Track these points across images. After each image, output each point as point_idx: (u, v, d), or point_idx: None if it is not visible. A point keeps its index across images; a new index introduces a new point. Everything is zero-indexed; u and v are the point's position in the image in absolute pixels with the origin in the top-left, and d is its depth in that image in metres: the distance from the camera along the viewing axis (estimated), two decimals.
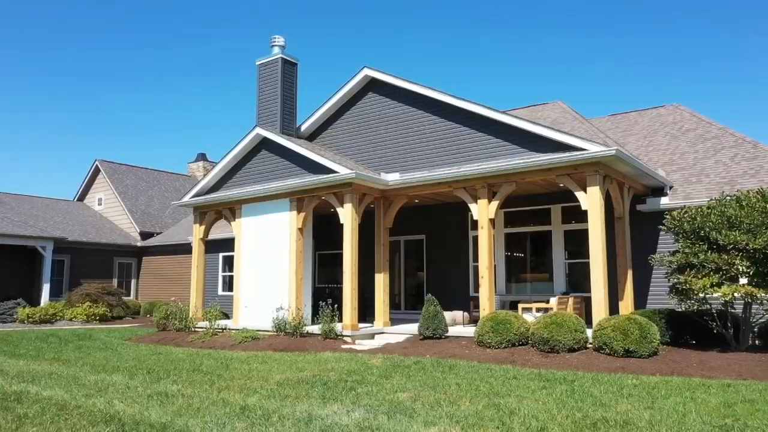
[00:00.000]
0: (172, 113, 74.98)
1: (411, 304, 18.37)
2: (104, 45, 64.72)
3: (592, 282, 11.31)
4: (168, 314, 16.35)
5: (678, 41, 59.99)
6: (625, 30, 61.43)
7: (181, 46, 69.62)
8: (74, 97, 68.67)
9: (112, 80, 68.66)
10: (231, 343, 13.55)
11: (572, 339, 10.36)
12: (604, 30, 61.73)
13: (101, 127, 70.69)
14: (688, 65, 60.17)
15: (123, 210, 29.29)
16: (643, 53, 61.91)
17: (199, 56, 71.29)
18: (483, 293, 12.57)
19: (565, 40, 64.61)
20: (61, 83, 67.25)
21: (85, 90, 68.69)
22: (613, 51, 63.36)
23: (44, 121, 67.27)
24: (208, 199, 16.26)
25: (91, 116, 69.68)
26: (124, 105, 70.89)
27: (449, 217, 17.11)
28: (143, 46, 67.37)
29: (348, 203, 13.56)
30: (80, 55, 65.14)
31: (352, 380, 8.72)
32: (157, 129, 75.98)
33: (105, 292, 22.83)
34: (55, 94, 67.37)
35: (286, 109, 15.63)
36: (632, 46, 61.77)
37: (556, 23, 62.46)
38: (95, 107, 68.92)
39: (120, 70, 68.14)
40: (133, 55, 67.35)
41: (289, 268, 14.52)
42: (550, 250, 15.55)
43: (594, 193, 11.43)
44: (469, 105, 13.10)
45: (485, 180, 12.75)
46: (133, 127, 72.74)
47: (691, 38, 59.49)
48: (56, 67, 65.11)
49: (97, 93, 68.68)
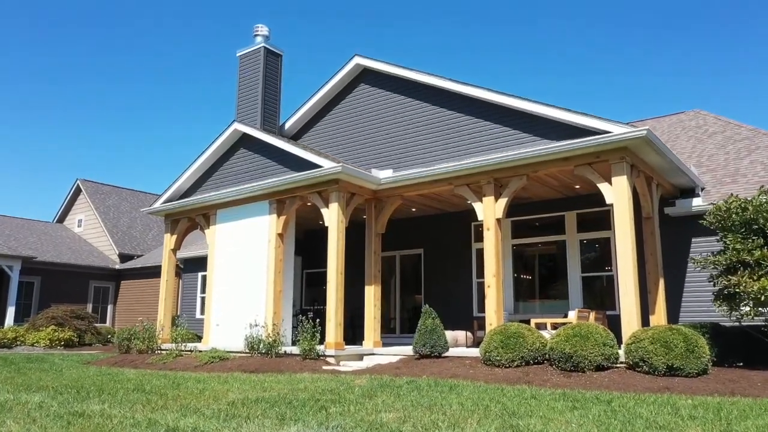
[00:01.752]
0: (160, 134, 73.60)
1: (407, 328, 16.41)
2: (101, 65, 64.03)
3: (621, 290, 9.47)
4: (131, 335, 14.41)
5: (677, 47, 59.25)
6: (630, 41, 60.81)
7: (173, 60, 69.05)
8: (60, 115, 67.63)
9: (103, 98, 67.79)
10: (195, 364, 11.61)
11: (600, 354, 8.47)
12: (608, 42, 61.06)
13: (87, 150, 69.14)
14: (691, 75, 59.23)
15: (103, 231, 27.53)
16: (646, 62, 61.06)
17: (191, 88, 70.64)
18: (489, 305, 10.72)
19: (565, 48, 63.96)
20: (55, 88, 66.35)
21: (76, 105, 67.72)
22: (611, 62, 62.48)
23: (26, 140, 65.60)
24: (180, 205, 14.52)
25: (75, 140, 68.07)
26: (113, 127, 69.79)
27: (449, 228, 15.34)
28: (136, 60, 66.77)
29: (334, 203, 11.83)
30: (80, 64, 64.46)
31: (325, 399, 6.83)
32: (146, 150, 74.62)
33: (73, 315, 20.83)
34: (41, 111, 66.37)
35: (269, 104, 14.06)
36: (635, 56, 60.98)
37: (557, 24, 61.87)
38: (78, 130, 67.32)
39: (108, 88, 67.33)
40: (130, 61, 66.66)
41: (266, 279, 12.68)
42: (564, 263, 13.72)
43: (621, 184, 9.70)
44: (470, 89, 11.52)
45: (491, 174, 11.05)
46: (121, 148, 71.29)
47: (692, 45, 58.76)
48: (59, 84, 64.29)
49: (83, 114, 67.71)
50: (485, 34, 62.09)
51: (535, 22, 58.22)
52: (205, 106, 71.76)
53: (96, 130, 67.56)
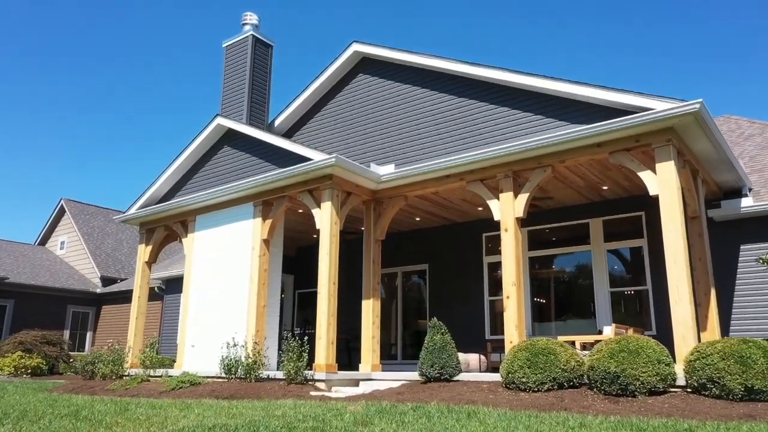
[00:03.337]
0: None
1: (410, 354, 14.61)
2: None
3: (672, 298, 7.78)
4: (95, 359, 12.64)
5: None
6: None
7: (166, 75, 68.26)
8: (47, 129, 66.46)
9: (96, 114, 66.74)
10: (161, 390, 9.84)
11: (655, 374, 6.75)
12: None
13: (73, 170, 67.36)
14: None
15: (86, 253, 25.85)
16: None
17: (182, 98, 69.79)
18: (510, 320, 9.02)
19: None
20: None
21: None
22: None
23: (12, 159, 63.80)
24: (155, 211, 12.90)
25: (61, 159, 66.34)
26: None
27: (458, 241, 13.72)
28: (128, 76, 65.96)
29: (327, 201, 10.24)
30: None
31: (303, 427, 5.13)
32: (135, 169, 73.20)
33: (44, 341, 18.99)
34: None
35: (257, 99, 12.62)
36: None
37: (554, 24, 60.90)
38: (65, 150, 65.71)
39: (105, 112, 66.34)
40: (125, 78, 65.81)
41: (249, 292, 11.00)
42: (589, 277, 12.04)
43: (667, 171, 8.12)
44: (484, 71, 10.06)
45: (509, 167, 9.49)
46: (110, 168, 69.57)
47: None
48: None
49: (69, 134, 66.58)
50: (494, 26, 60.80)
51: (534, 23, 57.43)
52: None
53: (84, 149, 66.24)
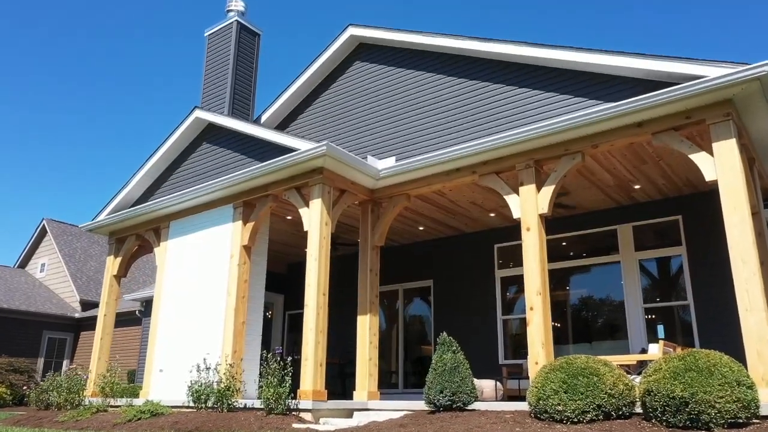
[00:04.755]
0: None
1: (412, 382, 12.98)
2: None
3: (740, 305, 6.26)
4: (50, 387, 11.01)
5: None
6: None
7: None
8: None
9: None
10: (115, 422, 8.22)
11: (734, 399, 5.16)
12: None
13: (57, 191, 65.98)
14: None
15: (66, 276, 24.27)
16: None
17: None
18: (534, 335, 7.47)
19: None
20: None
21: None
22: None
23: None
24: (125, 216, 11.39)
25: (46, 179, 64.88)
26: None
27: (466, 253, 12.22)
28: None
29: (316, 198, 8.77)
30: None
31: None
32: None
33: (9, 368, 17.30)
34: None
35: (240, 90, 11.28)
36: None
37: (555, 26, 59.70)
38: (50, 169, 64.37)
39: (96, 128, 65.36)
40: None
41: (226, 306, 9.45)
42: (619, 291, 10.51)
43: (728, 150, 6.67)
44: (499, 46, 8.73)
45: (530, 155, 8.05)
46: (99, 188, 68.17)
47: None
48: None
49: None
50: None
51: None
52: None
53: (70, 169, 64.91)
